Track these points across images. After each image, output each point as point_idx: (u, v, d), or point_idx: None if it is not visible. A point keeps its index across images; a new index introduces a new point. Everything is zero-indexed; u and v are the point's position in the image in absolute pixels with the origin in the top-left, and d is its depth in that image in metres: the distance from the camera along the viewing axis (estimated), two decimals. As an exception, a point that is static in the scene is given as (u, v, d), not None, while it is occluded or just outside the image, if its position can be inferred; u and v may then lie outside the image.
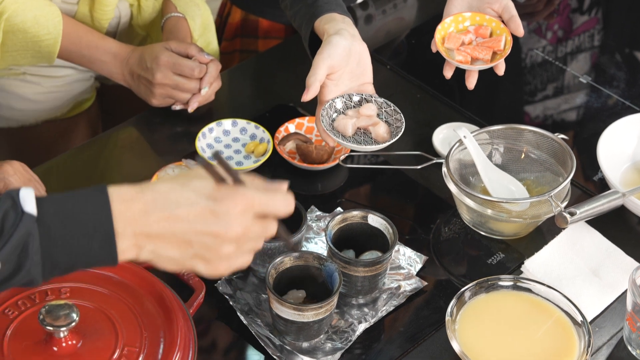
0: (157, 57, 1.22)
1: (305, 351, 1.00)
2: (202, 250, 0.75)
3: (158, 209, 0.73)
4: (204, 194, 0.74)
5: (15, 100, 1.33)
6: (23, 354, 0.88)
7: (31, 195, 0.73)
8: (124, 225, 0.73)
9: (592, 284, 1.09)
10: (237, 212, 0.74)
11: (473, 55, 1.15)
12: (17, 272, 0.73)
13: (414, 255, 1.12)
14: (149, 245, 0.74)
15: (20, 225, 0.71)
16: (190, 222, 0.74)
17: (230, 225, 0.74)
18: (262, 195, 0.75)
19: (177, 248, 0.75)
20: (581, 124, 1.35)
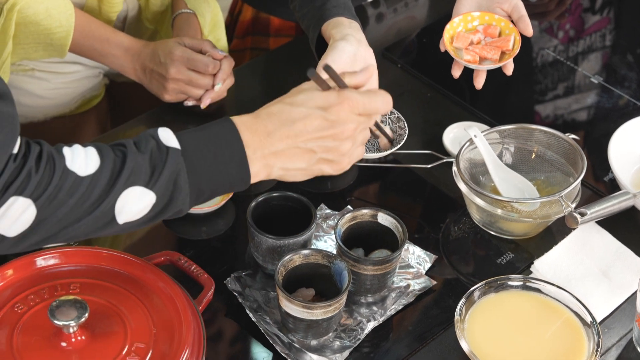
0: (171, 52, 1.22)
1: (313, 349, 1.00)
2: (325, 153, 0.83)
3: (277, 129, 0.82)
4: (314, 105, 0.82)
5: (24, 96, 1.33)
6: (32, 349, 0.89)
7: (170, 133, 0.80)
8: (253, 149, 0.81)
9: (601, 285, 1.09)
10: (346, 113, 0.83)
11: (481, 54, 1.14)
12: (170, 203, 0.80)
13: (423, 254, 1.11)
14: (278, 163, 0.83)
15: (168, 160, 0.79)
16: (309, 132, 0.82)
17: (344, 126, 0.82)
18: (365, 97, 0.84)
19: (302, 158, 0.83)
20: (592, 124, 1.35)
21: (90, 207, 0.77)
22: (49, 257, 0.97)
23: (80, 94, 1.38)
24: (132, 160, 0.78)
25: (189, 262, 1.04)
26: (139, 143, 0.80)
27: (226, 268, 1.07)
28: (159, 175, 0.78)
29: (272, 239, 1.02)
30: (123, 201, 0.78)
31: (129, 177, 0.78)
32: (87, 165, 0.77)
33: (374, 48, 1.13)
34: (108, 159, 0.78)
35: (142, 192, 0.78)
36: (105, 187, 0.77)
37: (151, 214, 0.80)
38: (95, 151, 0.79)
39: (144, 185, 0.78)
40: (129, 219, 0.80)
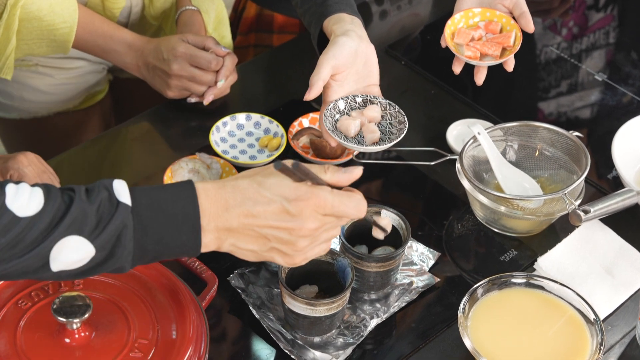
0: (174, 48, 1.22)
1: (316, 346, 1.00)
2: (278, 244, 0.80)
3: (237, 206, 0.79)
4: (279, 194, 0.79)
5: (28, 92, 1.33)
6: (36, 346, 0.88)
7: (125, 187, 0.78)
8: (208, 220, 0.78)
9: (605, 282, 1.09)
10: (310, 211, 0.79)
11: (482, 51, 1.14)
12: (109, 259, 0.77)
13: (426, 252, 1.11)
14: (229, 239, 0.80)
15: (116, 215, 0.76)
16: (266, 219, 0.79)
17: (304, 223, 0.79)
18: (336, 198, 0.80)
19: (255, 242, 0.80)
20: (596, 122, 1.34)
21: (24, 250, 0.75)
22: (52, 254, 0.97)
23: (84, 90, 1.38)
24: (77, 208, 0.75)
25: (192, 258, 1.03)
26: (90, 191, 0.77)
27: (229, 265, 1.07)
28: (102, 228, 0.76)
29: (276, 236, 1.02)
30: (59, 249, 0.75)
31: (70, 224, 0.75)
32: (29, 206, 0.74)
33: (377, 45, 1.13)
34: (53, 202, 0.75)
35: (81, 242, 0.76)
36: (43, 231, 0.75)
37: (89, 266, 0.77)
38: (42, 193, 0.76)
39: (85, 236, 0.75)
40: (63, 267, 0.76)
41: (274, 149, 1.22)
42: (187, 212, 0.78)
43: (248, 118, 1.25)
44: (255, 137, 1.25)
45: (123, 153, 1.26)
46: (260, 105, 1.30)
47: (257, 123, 1.25)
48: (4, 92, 1.33)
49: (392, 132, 1.12)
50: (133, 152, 1.25)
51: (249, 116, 1.25)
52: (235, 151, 1.23)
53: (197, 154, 1.18)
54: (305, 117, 1.26)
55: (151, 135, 1.27)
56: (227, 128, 1.24)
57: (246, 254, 0.82)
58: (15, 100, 1.35)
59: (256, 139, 1.24)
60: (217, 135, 1.22)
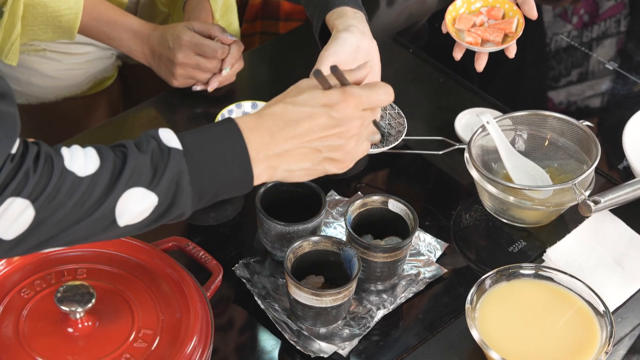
0: (179, 37, 1.21)
1: (322, 337, 0.99)
2: (330, 152, 0.82)
3: (281, 129, 0.80)
4: (318, 104, 0.81)
5: (35, 77, 1.33)
6: (38, 335, 0.88)
7: (171, 133, 0.78)
8: (257, 150, 0.79)
9: (615, 274, 1.08)
10: (351, 110, 0.81)
11: (483, 37, 1.13)
12: (172, 206, 0.78)
13: (434, 242, 1.10)
14: (282, 164, 0.81)
15: (170, 161, 0.76)
16: (314, 132, 0.80)
17: (350, 123, 0.81)
18: (368, 91, 0.82)
19: (307, 158, 0.81)
20: (606, 111, 1.34)
21: (90, 209, 0.75)
22: (55, 242, 0.96)
23: (92, 75, 1.37)
24: (133, 160, 0.76)
25: (197, 248, 1.03)
26: (139, 144, 0.78)
27: (235, 254, 1.07)
28: (161, 176, 0.76)
29: (281, 226, 1.01)
30: (124, 203, 0.76)
31: (130, 178, 0.76)
32: (87, 165, 0.75)
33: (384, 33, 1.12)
34: (108, 159, 0.76)
35: (144, 193, 0.76)
36: (106, 187, 0.75)
37: (153, 216, 0.78)
38: (95, 152, 0.77)
39: (145, 187, 0.76)
40: (130, 221, 0.77)
41: None
42: (235, 147, 0.79)
43: (254, 106, 1.24)
44: (261, 125, 1.24)
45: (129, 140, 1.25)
46: (267, 93, 1.28)
47: (263, 111, 1.24)
48: (11, 77, 1.32)
49: (391, 134, 1.11)
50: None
51: (255, 104, 1.24)
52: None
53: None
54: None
55: (157, 122, 1.27)
56: (233, 116, 1.22)
57: (299, 174, 0.83)
58: (23, 86, 1.34)
59: None
60: (222, 123, 1.21)
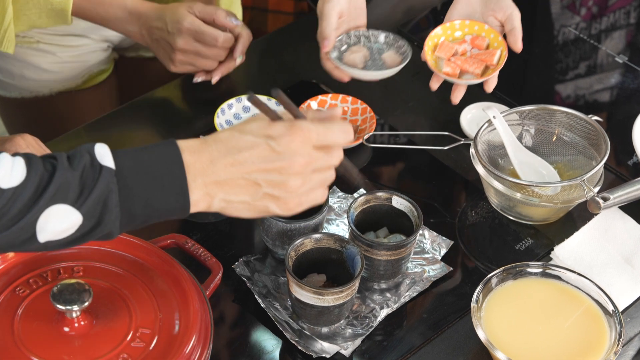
0: (179, 21, 1.17)
1: (324, 336, 0.98)
2: (270, 188, 0.78)
3: (222, 156, 0.78)
4: (262, 134, 0.78)
5: (29, 70, 1.31)
6: (34, 334, 0.87)
7: (107, 150, 0.76)
8: (194, 175, 0.77)
9: (624, 273, 1.07)
10: (297, 145, 0.78)
11: (463, 67, 1.10)
12: (98, 226, 0.76)
13: (439, 240, 1.09)
14: (219, 194, 0.78)
15: (100, 180, 0.75)
16: (254, 163, 0.78)
17: (292, 159, 0.77)
18: (319, 126, 0.79)
19: (246, 191, 0.79)
20: (615, 106, 1.33)
21: (9, 222, 0.73)
22: (51, 239, 0.95)
23: (87, 68, 1.35)
24: (60, 176, 0.74)
25: (196, 245, 1.02)
26: (72, 158, 0.75)
27: (234, 252, 1.06)
28: (88, 194, 0.74)
29: (282, 223, 1.00)
30: (45, 219, 0.74)
31: (54, 194, 0.74)
32: (12, 177, 0.73)
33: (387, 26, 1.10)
34: (35, 172, 0.74)
35: (68, 211, 0.74)
36: (28, 202, 0.73)
37: (77, 234, 0.76)
38: (24, 162, 0.74)
39: (70, 204, 0.74)
40: (51, 237, 0.75)
41: None
42: (172, 171, 0.76)
43: (255, 100, 1.22)
44: (263, 119, 1.22)
45: (125, 135, 1.24)
46: (267, 87, 1.27)
47: (264, 105, 1.22)
48: (4, 70, 1.31)
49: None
50: (136, 135, 1.24)
51: (256, 98, 1.23)
52: (241, 134, 1.20)
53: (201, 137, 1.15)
54: (314, 100, 1.23)
55: (155, 117, 1.25)
56: (233, 110, 1.22)
57: (239, 207, 0.79)
58: (17, 79, 1.33)
59: None
60: (222, 117, 1.20)
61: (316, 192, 0.80)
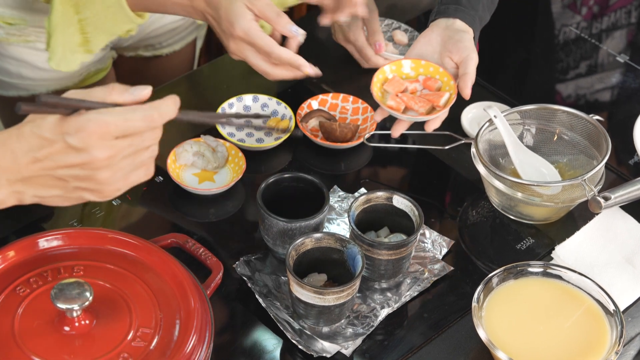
0: (233, 24, 1.03)
1: (325, 336, 0.98)
2: (78, 182, 0.77)
3: (24, 154, 0.76)
4: (59, 132, 0.75)
5: (25, 68, 1.31)
6: (34, 334, 0.87)
7: None
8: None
9: (625, 272, 1.07)
10: (94, 140, 0.75)
11: (408, 104, 1.08)
12: None
13: (439, 239, 1.09)
14: (29, 190, 0.77)
15: None
16: (54, 161, 0.75)
17: (92, 154, 0.75)
18: (117, 116, 0.75)
19: (54, 186, 0.77)
20: (616, 105, 1.32)
21: None
22: (51, 239, 0.95)
23: (84, 67, 1.35)
24: None
25: (196, 245, 1.02)
26: None
27: (235, 251, 1.05)
28: None
29: (283, 222, 0.99)
30: None
31: None
32: None
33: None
34: None
35: None
36: None
37: None
38: None
39: None
40: None
41: (282, 132, 1.19)
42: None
43: (255, 99, 1.22)
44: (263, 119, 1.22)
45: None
46: (268, 86, 1.27)
47: (264, 105, 1.22)
48: (2, 69, 1.31)
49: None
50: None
51: (256, 97, 1.22)
52: (241, 134, 1.20)
53: (202, 136, 1.15)
54: (315, 99, 1.23)
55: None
56: (234, 109, 1.21)
57: (54, 200, 0.78)
58: (13, 77, 1.32)
59: (263, 121, 1.21)
60: (223, 117, 1.19)
61: (135, 173, 0.78)
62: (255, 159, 1.17)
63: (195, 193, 1.11)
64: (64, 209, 1.09)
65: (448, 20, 1.10)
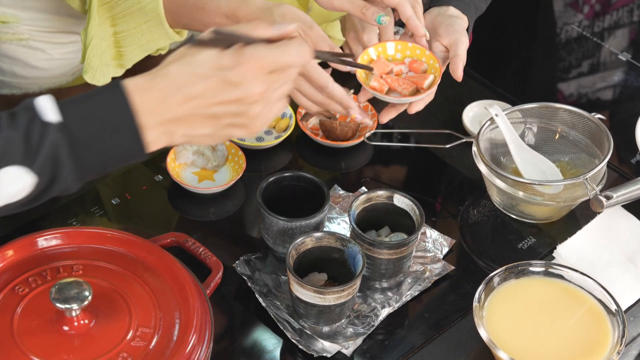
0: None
1: (325, 336, 0.97)
2: (231, 118, 0.76)
3: (175, 93, 0.74)
4: (213, 66, 0.74)
5: (18, 66, 1.30)
6: (33, 333, 0.86)
7: (50, 103, 0.73)
8: (147, 116, 0.74)
9: (627, 272, 1.06)
10: (251, 74, 0.74)
11: (392, 85, 1.06)
12: (54, 183, 0.74)
13: (440, 238, 1.09)
14: (179, 130, 0.76)
15: (46, 136, 0.72)
16: (209, 97, 0.75)
17: (249, 89, 0.75)
18: (273, 51, 0.75)
19: (206, 124, 0.76)
20: (618, 104, 1.32)
21: None
22: (50, 238, 0.95)
23: (77, 66, 1.34)
24: (4, 139, 0.72)
25: (196, 244, 1.02)
26: (14, 116, 0.73)
27: (235, 251, 1.05)
28: (35, 152, 0.72)
29: (283, 221, 0.99)
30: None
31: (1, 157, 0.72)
32: None
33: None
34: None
35: (18, 172, 0.72)
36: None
37: (34, 194, 0.74)
38: None
39: (19, 165, 0.72)
40: (7, 201, 0.73)
41: (282, 130, 1.19)
42: (121, 114, 0.73)
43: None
44: (264, 117, 1.21)
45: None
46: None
47: (265, 103, 1.21)
48: None
49: None
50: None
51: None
52: (242, 132, 1.19)
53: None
54: (316, 97, 1.22)
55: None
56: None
57: (203, 139, 0.78)
58: (7, 75, 1.32)
59: None
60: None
61: (276, 107, 0.78)
62: (256, 157, 1.16)
63: (195, 192, 1.11)
64: (62, 207, 1.09)
65: (441, 8, 1.10)
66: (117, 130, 0.74)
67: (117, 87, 0.74)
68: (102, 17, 1.08)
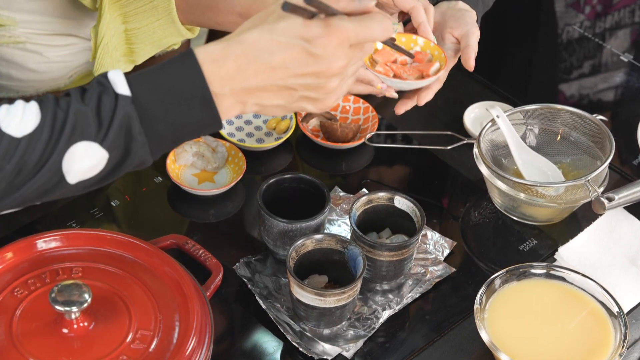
0: None
1: (326, 338, 0.97)
2: (307, 91, 0.74)
3: (252, 62, 0.72)
4: (296, 35, 0.72)
5: (15, 69, 1.30)
6: (32, 336, 0.86)
7: (120, 76, 0.73)
8: (221, 85, 0.73)
9: (629, 274, 1.06)
10: (334, 47, 0.72)
11: (397, 72, 1.05)
12: (127, 157, 0.73)
13: (441, 240, 1.08)
14: (251, 99, 0.74)
15: (117, 110, 0.72)
16: (288, 68, 0.72)
17: (330, 62, 0.73)
18: (357, 25, 0.73)
19: (280, 95, 0.74)
20: (620, 105, 1.32)
21: (33, 169, 0.71)
22: (50, 240, 0.95)
23: (74, 68, 1.34)
24: (75, 113, 0.71)
25: (196, 246, 1.02)
26: (86, 92, 0.72)
27: (235, 253, 1.05)
28: (107, 127, 0.71)
29: (284, 223, 0.99)
30: (70, 160, 0.72)
31: (72, 133, 0.71)
32: (24, 124, 0.71)
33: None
34: (48, 114, 0.71)
35: (91, 147, 0.72)
36: (46, 146, 0.71)
37: (107, 169, 0.74)
38: (36, 106, 0.73)
39: (91, 140, 0.72)
40: (81, 177, 0.73)
41: (282, 132, 1.18)
42: (193, 85, 0.72)
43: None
44: (263, 119, 1.21)
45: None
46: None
47: (265, 104, 1.21)
48: None
49: None
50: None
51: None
52: (241, 134, 1.19)
53: (201, 136, 1.14)
54: (316, 99, 1.22)
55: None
56: (235, 110, 1.20)
57: (274, 110, 0.76)
58: (3, 78, 1.31)
59: (264, 122, 1.21)
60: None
61: (349, 82, 0.76)
62: (256, 159, 1.16)
63: (195, 194, 1.11)
64: (62, 209, 1.08)
65: (450, 2, 1.10)
66: (189, 101, 0.72)
67: (189, 57, 0.72)
68: (114, 14, 1.08)
